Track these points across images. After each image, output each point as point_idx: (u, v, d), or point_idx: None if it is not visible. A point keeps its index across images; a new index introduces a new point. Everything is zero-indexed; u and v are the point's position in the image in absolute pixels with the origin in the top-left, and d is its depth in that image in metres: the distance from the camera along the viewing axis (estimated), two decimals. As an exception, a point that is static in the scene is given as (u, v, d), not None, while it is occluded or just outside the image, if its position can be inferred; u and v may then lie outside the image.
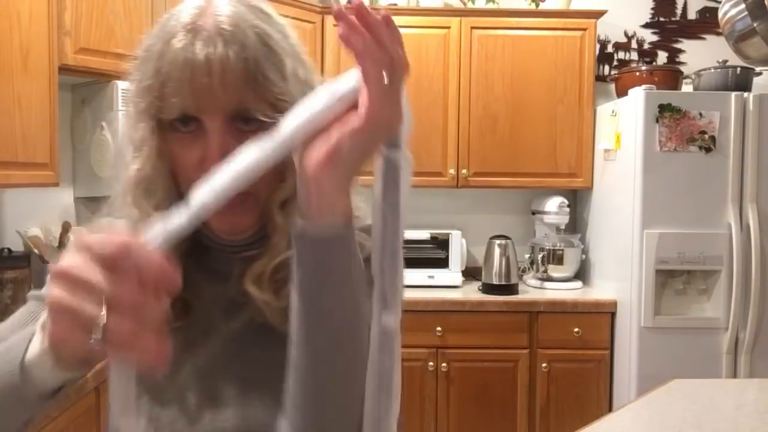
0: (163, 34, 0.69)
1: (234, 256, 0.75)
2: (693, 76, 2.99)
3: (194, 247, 0.75)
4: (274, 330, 0.70)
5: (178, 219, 0.54)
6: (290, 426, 0.65)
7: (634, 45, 3.47)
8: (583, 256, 3.20)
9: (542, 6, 3.21)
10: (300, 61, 0.74)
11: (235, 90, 0.66)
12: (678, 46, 3.48)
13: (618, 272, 2.85)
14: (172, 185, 0.71)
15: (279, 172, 0.69)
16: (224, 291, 0.75)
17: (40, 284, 2.35)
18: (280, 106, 0.66)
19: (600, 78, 3.38)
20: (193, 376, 0.74)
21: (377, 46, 0.60)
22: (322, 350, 0.62)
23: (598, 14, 3.13)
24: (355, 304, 0.62)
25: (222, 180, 0.56)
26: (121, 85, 2.35)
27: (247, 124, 0.68)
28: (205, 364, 0.74)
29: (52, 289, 0.47)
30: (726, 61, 2.87)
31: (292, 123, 0.58)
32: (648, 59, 3.47)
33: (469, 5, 3.25)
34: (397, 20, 2.32)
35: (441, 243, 3.11)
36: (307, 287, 0.61)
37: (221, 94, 0.66)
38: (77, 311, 0.47)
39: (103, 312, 0.47)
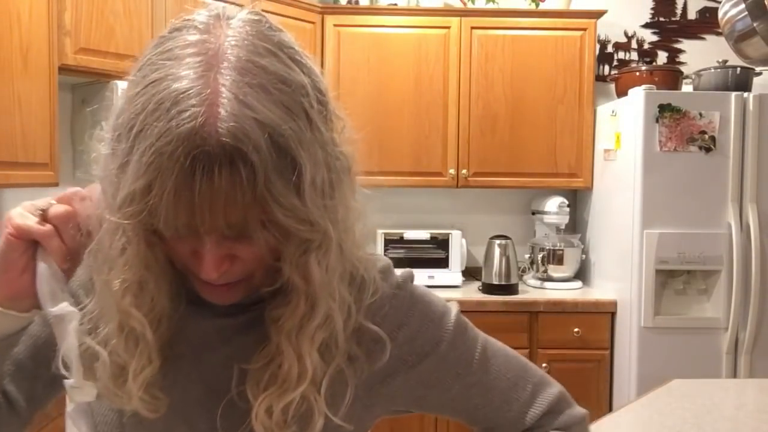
0: (170, 69, 0.57)
1: (228, 319, 0.70)
2: (693, 76, 2.99)
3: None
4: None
5: None
6: None
7: (634, 45, 3.47)
8: (583, 256, 3.20)
9: (542, 6, 3.21)
10: (321, 140, 0.60)
11: (236, 213, 0.56)
12: (678, 46, 3.48)
13: (618, 272, 2.85)
14: (159, 285, 0.63)
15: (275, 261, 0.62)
16: (212, 347, 0.71)
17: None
18: (289, 225, 0.58)
19: (600, 78, 3.38)
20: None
21: None
22: None
23: (598, 14, 3.13)
24: None
25: None
26: (121, 85, 2.35)
27: (248, 241, 0.60)
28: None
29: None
30: (726, 61, 2.87)
31: None
32: (648, 59, 3.47)
33: (469, 5, 3.25)
34: (397, 20, 2.35)
35: (441, 243, 3.11)
36: None
37: (219, 219, 0.56)
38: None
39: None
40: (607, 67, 3.47)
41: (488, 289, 2.98)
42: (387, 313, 0.72)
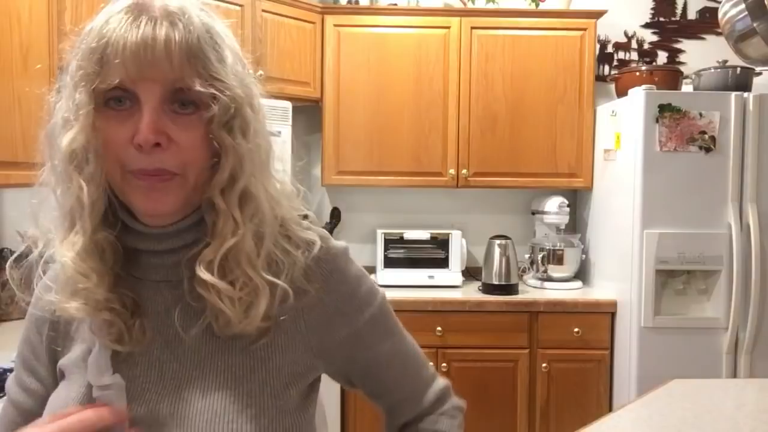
0: (112, 9, 0.72)
1: (179, 260, 0.75)
2: (693, 76, 2.99)
3: (134, 261, 0.77)
4: (226, 337, 0.74)
5: None
6: None
7: (634, 45, 3.47)
8: (583, 256, 3.20)
9: (542, 6, 3.21)
10: (238, 57, 0.75)
11: (177, 64, 0.68)
12: (678, 46, 3.48)
13: (618, 272, 2.85)
14: (102, 161, 0.71)
15: (211, 157, 0.72)
16: (178, 298, 0.76)
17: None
18: (217, 86, 0.69)
19: (600, 78, 3.38)
20: (159, 392, 0.74)
21: None
22: None
23: (598, 14, 3.13)
24: None
25: None
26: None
27: (183, 106, 0.70)
28: (171, 379, 0.75)
29: None
30: (726, 61, 2.87)
31: None
32: (648, 59, 3.47)
33: (469, 5, 3.25)
34: (397, 20, 2.36)
35: (441, 243, 3.11)
36: None
37: (164, 65, 0.67)
38: None
39: None
40: (607, 67, 3.47)
41: (488, 289, 2.99)
42: (332, 269, 0.82)
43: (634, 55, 3.48)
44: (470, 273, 3.25)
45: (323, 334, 0.81)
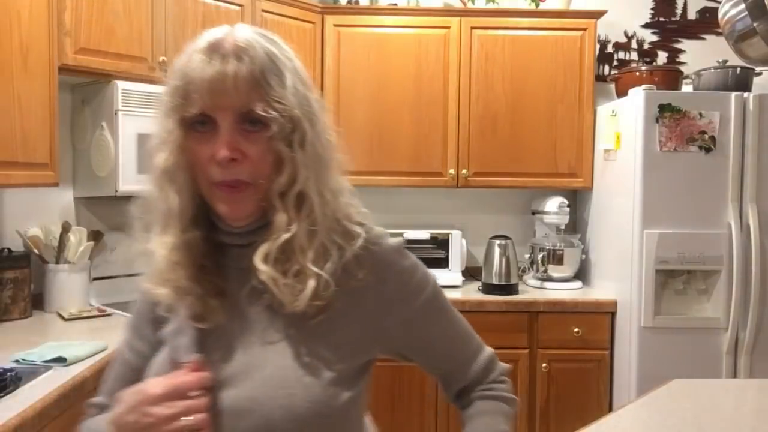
0: (192, 50, 0.85)
1: (251, 252, 0.87)
2: (693, 76, 2.99)
3: (219, 251, 0.92)
4: (286, 314, 0.86)
5: None
6: None
7: (634, 45, 3.47)
8: (583, 256, 3.20)
9: (542, 6, 3.21)
10: (300, 78, 0.87)
11: (244, 93, 0.82)
12: (678, 46, 3.48)
13: (618, 272, 2.85)
14: (190, 176, 0.86)
15: (276, 165, 0.85)
16: (247, 281, 0.88)
17: (40, 284, 2.36)
18: (277, 108, 0.82)
19: (600, 78, 3.38)
20: (230, 361, 0.87)
21: None
22: None
23: (598, 14, 3.13)
24: None
25: None
26: (121, 85, 2.35)
27: (252, 125, 0.83)
28: (240, 349, 0.88)
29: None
30: (726, 61, 2.87)
31: None
32: (648, 59, 3.47)
33: (469, 5, 3.25)
34: (397, 20, 2.37)
35: (441, 243, 3.11)
36: None
37: (233, 95, 0.81)
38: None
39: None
40: (607, 67, 3.47)
41: (488, 289, 2.99)
42: (383, 259, 0.93)
43: (634, 55, 3.48)
44: (470, 273, 3.25)
45: (381, 318, 0.92)
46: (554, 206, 3.14)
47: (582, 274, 3.20)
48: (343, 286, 0.87)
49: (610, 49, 3.47)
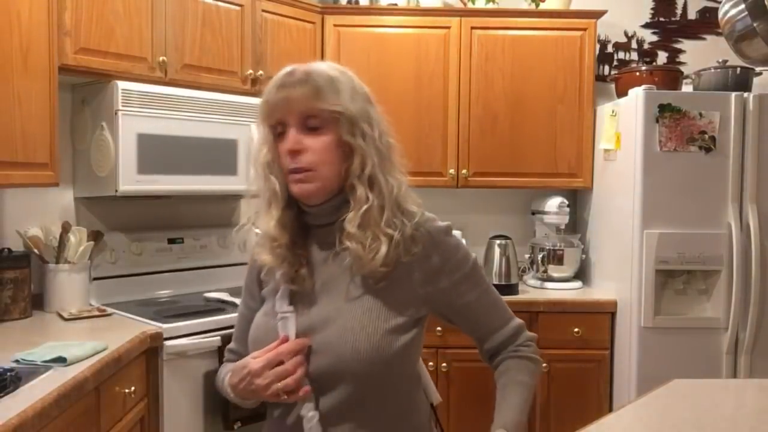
0: (275, 79, 1.15)
1: (332, 226, 1.16)
2: (693, 76, 2.99)
3: (306, 232, 1.22)
4: (359, 278, 1.14)
5: None
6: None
7: (634, 45, 3.47)
8: (583, 256, 3.20)
9: (542, 6, 3.21)
10: (357, 93, 1.17)
11: (303, 106, 1.12)
12: (678, 46, 3.48)
13: (618, 272, 2.85)
14: (282, 174, 1.16)
15: (346, 155, 1.14)
16: (330, 251, 1.18)
17: (40, 284, 2.37)
18: (337, 112, 1.12)
19: (600, 78, 3.38)
20: (315, 313, 1.15)
21: None
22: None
23: (598, 14, 3.13)
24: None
25: None
26: (121, 85, 2.35)
27: (312, 126, 1.13)
28: (323, 305, 1.16)
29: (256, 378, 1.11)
30: (726, 61, 2.87)
31: None
32: (648, 59, 3.47)
33: (469, 5, 3.25)
34: (397, 20, 2.39)
35: (441, 243, 3.11)
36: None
37: (294, 107, 1.12)
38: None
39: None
40: (607, 67, 3.47)
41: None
42: (434, 237, 1.19)
43: (634, 55, 3.48)
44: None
45: (428, 285, 1.17)
46: (554, 206, 3.14)
47: (582, 274, 3.20)
48: (401, 257, 1.14)
49: (610, 49, 3.47)
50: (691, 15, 3.48)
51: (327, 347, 1.10)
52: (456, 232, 2.89)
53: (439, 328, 2.78)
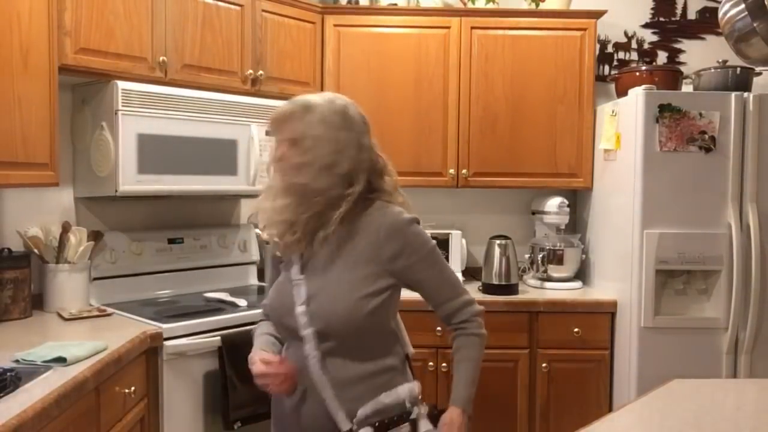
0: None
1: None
2: (693, 76, 2.99)
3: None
4: (339, 258, 1.53)
5: None
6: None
7: (634, 45, 3.47)
8: (583, 256, 3.20)
9: (542, 6, 3.21)
10: (336, 123, 1.55)
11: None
12: (678, 46, 3.48)
13: (618, 272, 2.85)
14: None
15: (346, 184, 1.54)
16: (326, 235, 1.54)
17: (40, 284, 2.37)
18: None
19: (600, 78, 3.38)
20: (316, 280, 1.54)
21: None
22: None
23: (598, 14, 3.13)
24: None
25: None
26: (121, 85, 2.35)
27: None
28: (321, 273, 1.54)
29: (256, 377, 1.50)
30: (726, 61, 2.87)
31: None
32: (648, 59, 3.47)
33: (469, 5, 3.25)
34: (397, 20, 2.38)
35: (441, 243, 3.11)
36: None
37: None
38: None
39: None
40: (607, 67, 3.47)
41: (488, 289, 2.99)
42: (398, 227, 1.55)
43: (634, 55, 3.48)
44: (470, 273, 3.24)
45: (391, 264, 1.53)
46: (554, 206, 3.14)
47: (582, 274, 3.20)
48: (372, 242, 1.52)
49: (610, 49, 3.47)
50: (691, 15, 3.48)
51: (319, 313, 1.49)
52: (456, 232, 3.23)
53: (438, 328, 2.77)
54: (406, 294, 1.61)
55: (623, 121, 2.83)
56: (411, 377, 1.61)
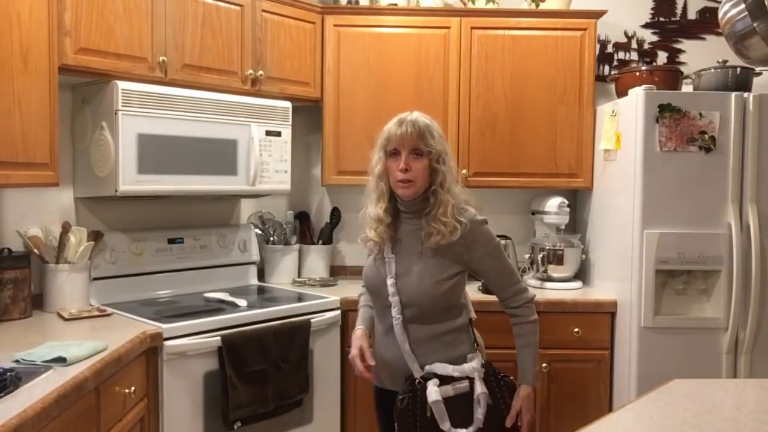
0: (390, 123, 1.90)
1: (419, 214, 1.91)
2: (693, 76, 2.99)
3: (398, 218, 1.95)
4: (425, 248, 1.88)
5: None
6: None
7: (634, 45, 3.47)
8: (583, 256, 3.20)
9: (542, 6, 3.21)
10: (440, 136, 1.91)
11: (413, 141, 1.85)
12: (678, 46, 3.48)
13: (618, 272, 2.85)
14: (387, 177, 1.91)
15: (431, 173, 1.87)
16: (413, 231, 1.92)
17: (40, 284, 2.37)
18: (430, 146, 1.85)
19: (600, 78, 3.38)
20: (402, 266, 1.91)
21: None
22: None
23: (598, 14, 3.13)
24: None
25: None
26: (121, 85, 2.35)
27: (416, 155, 1.86)
28: (407, 262, 1.91)
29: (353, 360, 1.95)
30: (726, 61, 2.87)
31: None
32: (648, 59, 3.47)
33: (469, 5, 3.25)
34: (397, 20, 2.38)
35: (441, 243, 3.11)
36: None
37: (407, 142, 1.85)
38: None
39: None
40: (607, 67, 3.47)
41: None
42: (473, 228, 1.90)
43: (634, 55, 3.48)
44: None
45: (464, 255, 1.90)
46: (554, 206, 3.14)
47: (582, 274, 3.20)
48: (451, 237, 1.86)
49: (610, 49, 3.47)
50: (691, 15, 3.48)
51: (405, 288, 1.87)
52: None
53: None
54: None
55: (623, 121, 2.83)
56: (473, 337, 2.00)
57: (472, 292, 3.01)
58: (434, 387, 1.82)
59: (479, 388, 1.84)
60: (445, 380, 1.83)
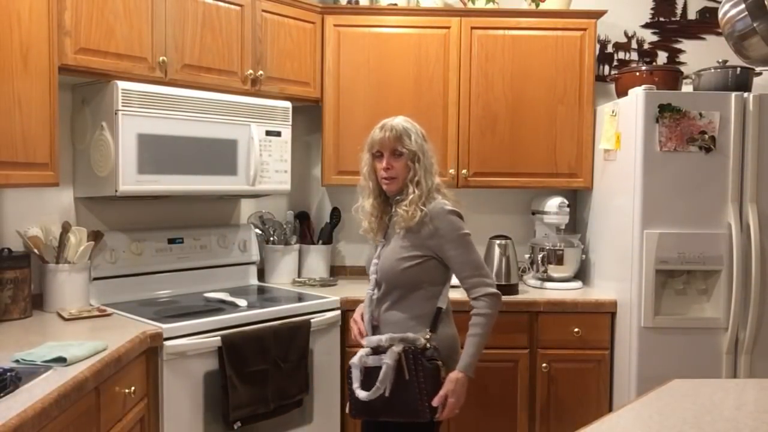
0: (375, 129, 2.11)
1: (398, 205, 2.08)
2: (693, 76, 2.99)
3: (388, 210, 2.15)
4: (397, 232, 2.07)
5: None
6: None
7: (634, 45, 3.47)
8: (583, 256, 3.20)
9: (542, 6, 3.21)
10: (418, 136, 2.10)
11: (392, 143, 2.06)
12: (678, 46, 3.48)
13: (618, 272, 2.85)
14: (375, 176, 2.12)
15: (408, 170, 2.06)
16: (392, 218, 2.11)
17: (40, 284, 2.37)
18: (406, 148, 2.05)
19: (600, 78, 3.38)
20: (382, 252, 2.12)
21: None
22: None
23: (598, 14, 3.13)
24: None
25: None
26: (121, 85, 2.35)
27: (397, 155, 2.06)
28: (384, 247, 2.12)
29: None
30: (726, 61, 2.87)
31: None
32: (648, 59, 3.47)
33: (469, 5, 3.25)
34: (397, 20, 2.38)
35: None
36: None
37: (388, 144, 2.06)
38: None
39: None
40: (607, 67, 3.47)
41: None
42: (440, 216, 2.03)
43: (634, 55, 3.48)
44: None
45: (429, 240, 2.03)
46: (554, 206, 3.14)
47: (582, 274, 3.20)
48: (420, 222, 2.02)
49: (610, 49, 3.47)
50: (691, 15, 3.48)
51: (380, 267, 2.08)
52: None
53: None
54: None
55: (623, 121, 2.83)
56: (434, 326, 2.05)
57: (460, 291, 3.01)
58: (361, 353, 2.05)
59: (387, 360, 1.95)
60: (377, 351, 2.01)
